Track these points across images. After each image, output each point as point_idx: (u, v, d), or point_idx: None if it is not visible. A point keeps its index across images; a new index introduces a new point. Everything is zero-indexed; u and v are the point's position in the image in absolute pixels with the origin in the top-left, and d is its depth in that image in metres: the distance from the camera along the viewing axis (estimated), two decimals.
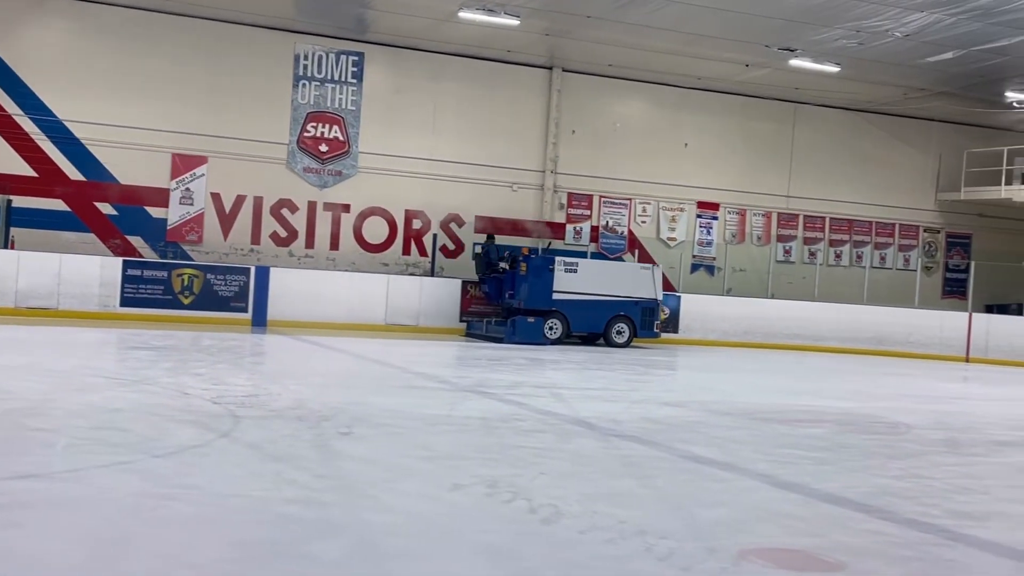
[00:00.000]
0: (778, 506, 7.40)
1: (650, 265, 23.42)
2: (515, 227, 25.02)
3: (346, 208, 24.04)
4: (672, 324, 24.39)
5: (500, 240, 24.45)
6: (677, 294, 24.94)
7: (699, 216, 26.77)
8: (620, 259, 25.82)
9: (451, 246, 24.67)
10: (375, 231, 24.26)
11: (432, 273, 24.06)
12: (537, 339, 21.45)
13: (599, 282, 22.25)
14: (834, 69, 23.35)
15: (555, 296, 21.76)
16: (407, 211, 24.43)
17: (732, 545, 6.02)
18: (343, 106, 23.90)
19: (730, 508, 7.18)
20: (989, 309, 26.74)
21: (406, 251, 24.46)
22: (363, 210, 24.17)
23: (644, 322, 22.51)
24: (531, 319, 21.56)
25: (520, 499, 6.82)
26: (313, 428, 9.12)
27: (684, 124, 26.47)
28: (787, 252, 27.48)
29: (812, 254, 27.66)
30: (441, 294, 23.02)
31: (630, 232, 26.07)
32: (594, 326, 22.43)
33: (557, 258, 22.26)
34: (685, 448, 9.51)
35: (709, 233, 26.84)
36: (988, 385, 19.37)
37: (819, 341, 25.11)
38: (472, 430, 9.76)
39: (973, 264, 27.42)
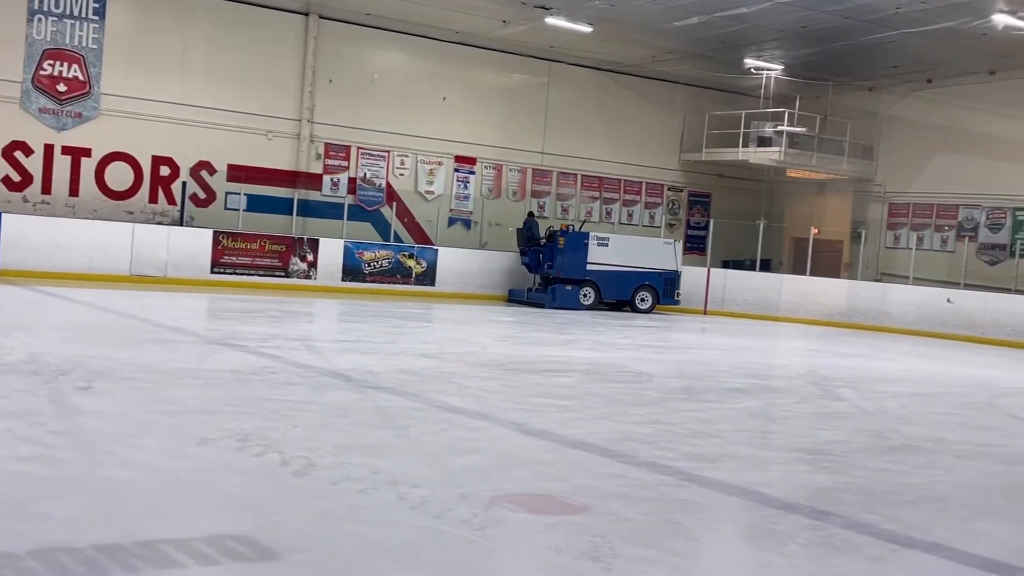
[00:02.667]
0: (528, 453, 7.61)
1: (672, 240, 25.97)
2: (270, 176, 24.41)
3: (87, 152, 22.71)
4: (429, 278, 24.57)
5: (254, 190, 23.84)
6: (434, 248, 25.10)
7: (457, 170, 26.95)
8: (378, 212, 25.71)
9: (202, 195, 23.79)
10: (119, 177, 23.06)
11: (181, 222, 23.16)
12: (574, 304, 23.86)
13: (627, 255, 24.56)
14: (587, 29, 23.93)
15: (589, 267, 24.09)
16: (154, 157, 23.33)
17: (484, 491, 6.14)
18: (84, 44, 22.50)
19: (482, 456, 7.33)
20: (726, 264, 28.32)
21: (153, 199, 23.40)
22: (106, 155, 22.89)
23: (666, 291, 24.97)
24: (568, 287, 23.95)
25: (272, 452, 6.71)
26: (49, 383, 8.64)
27: (443, 78, 26.50)
28: (541, 208, 28.10)
29: (565, 210, 28.41)
30: (191, 245, 22.21)
31: (388, 185, 25.95)
32: (622, 294, 24.64)
33: (592, 234, 24.49)
34: (440, 399, 9.61)
35: (466, 187, 27.09)
36: (723, 336, 20.56)
37: None
38: (222, 384, 9.51)
39: (712, 222, 28.97)
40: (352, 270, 23.77)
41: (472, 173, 27.16)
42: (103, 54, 22.69)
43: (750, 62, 26.54)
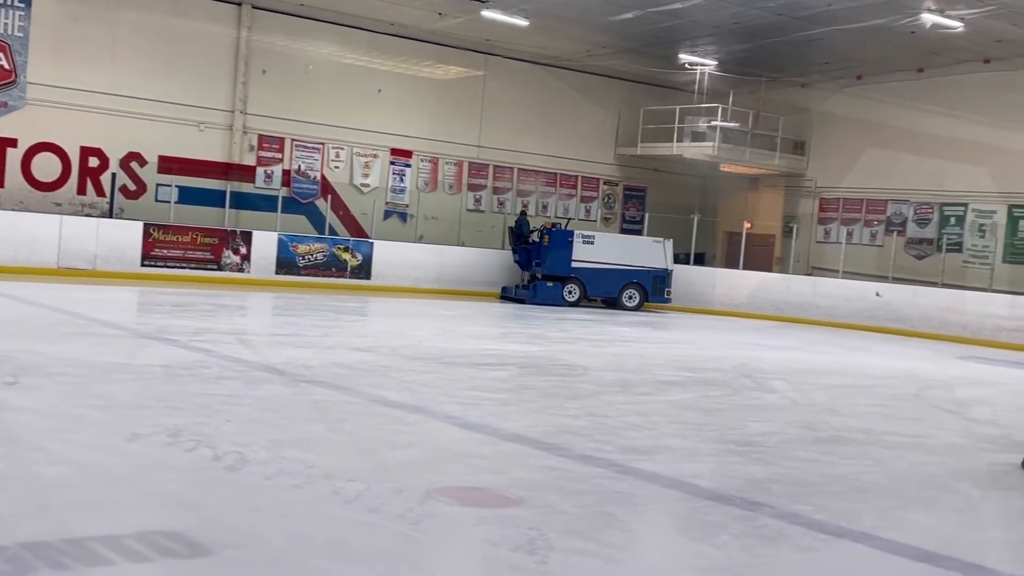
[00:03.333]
0: (464, 446, 7.61)
1: (661, 239, 25.74)
2: (202, 168, 24.08)
3: (12, 143, 22.20)
4: (365, 271, 24.43)
5: (185, 181, 23.50)
6: (370, 240, 24.97)
7: (392, 163, 26.81)
8: (313, 204, 25.49)
9: (132, 186, 23.39)
10: (46, 168, 22.58)
11: (111, 214, 22.76)
12: (556, 301, 24.12)
13: (613, 253, 24.84)
14: (523, 23, 23.95)
15: (573, 264, 24.40)
16: (83, 148, 22.88)
17: (419, 485, 6.13)
18: (8, 32, 21.98)
19: (418, 449, 7.31)
20: None
21: (81, 191, 22.96)
22: (33, 145, 22.39)
23: (655, 289, 25.15)
24: (550, 283, 24.28)
25: (204, 447, 6.63)
26: None
27: (378, 70, 26.34)
28: (478, 201, 28.08)
29: (501, 203, 28.42)
30: (121, 237, 21.84)
31: (323, 177, 25.74)
32: (609, 291, 24.93)
33: (576, 232, 24.92)
34: (375, 392, 9.57)
35: (402, 180, 26.97)
36: (659, 329, 20.73)
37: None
38: (153, 378, 9.37)
39: (647, 216, 29.18)
40: (286, 263, 23.55)
41: (408, 166, 27.05)
42: (29, 42, 22.19)
43: (684, 57, 26.76)
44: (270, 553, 4.79)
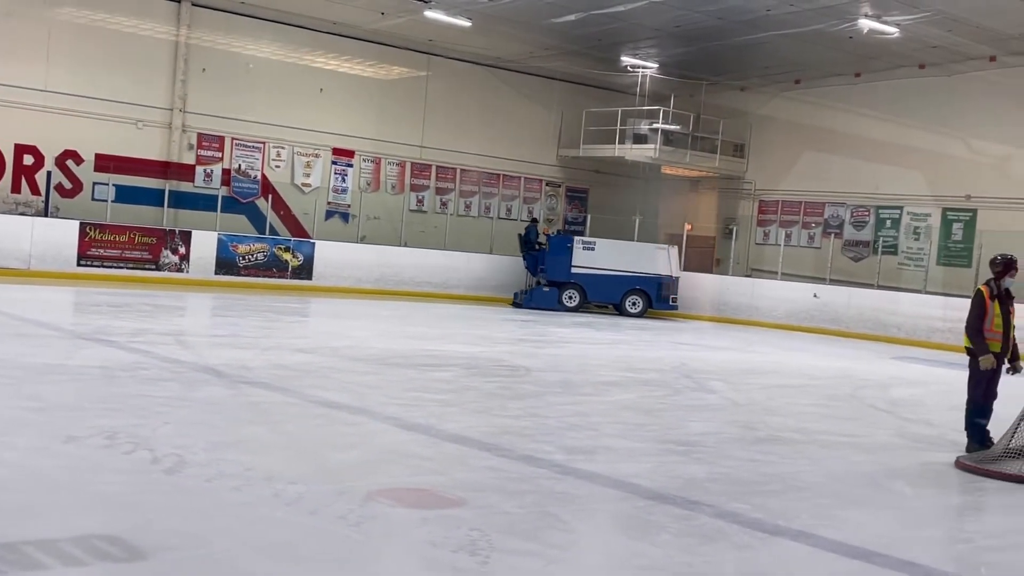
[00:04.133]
0: (406, 447, 7.60)
1: (665, 245, 25.65)
2: (140, 167, 23.73)
3: None
4: (306, 271, 24.27)
5: (123, 180, 23.16)
6: (311, 241, 24.80)
7: (334, 163, 26.64)
8: (253, 204, 25.24)
9: (68, 185, 23.00)
10: None
11: (46, 213, 22.36)
12: (551, 305, 24.27)
13: (615, 259, 24.69)
14: (466, 23, 23.92)
15: (573, 270, 24.46)
16: (17, 146, 22.44)
17: (360, 486, 6.12)
18: None
19: (360, 451, 7.29)
20: None
21: (15, 189, 22.52)
22: None
23: (659, 295, 24.83)
24: (546, 288, 24.54)
25: (142, 449, 6.56)
26: None
27: (320, 69, 26.16)
28: (420, 201, 28.00)
29: (444, 204, 28.37)
30: (56, 236, 21.46)
31: (264, 176, 25.51)
32: (610, 297, 24.85)
33: (576, 237, 25.20)
34: (316, 394, 9.52)
35: (344, 180, 26.81)
36: (599, 330, 20.83)
37: (449, 289, 25.89)
38: (90, 380, 9.24)
39: (589, 217, 29.31)
40: (226, 263, 23.31)
41: (350, 166, 26.91)
42: None
43: (626, 60, 26.92)
44: (209, 556, 4.75)
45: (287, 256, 24.08)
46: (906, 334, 22.67)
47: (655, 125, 27.62)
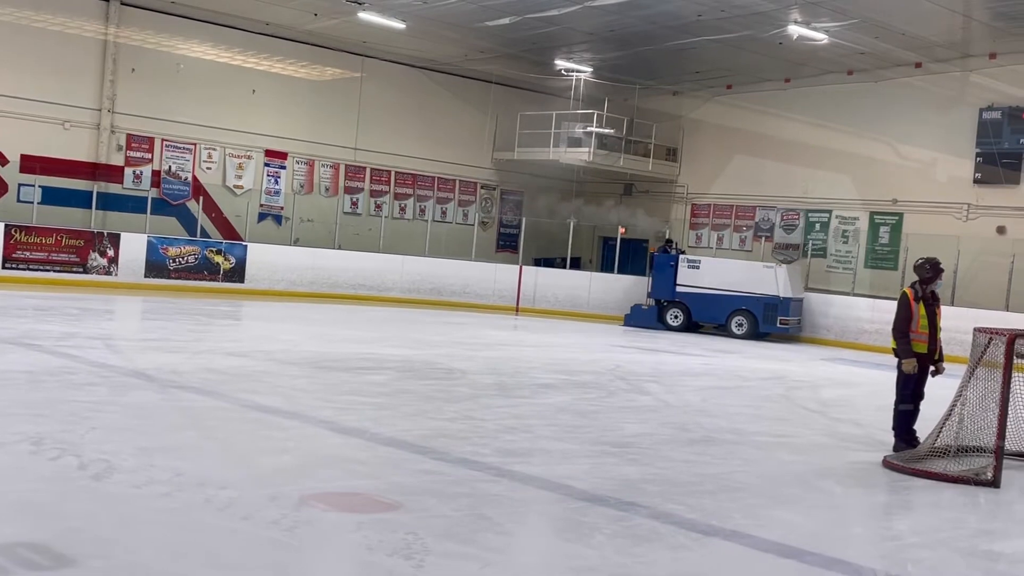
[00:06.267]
0: (340, 451, 7.55)
1: (772, 264, 23.95)
2: (67, 168, 23.27)
3: None
4: (238, 274, 23.99)
5: (49, 182, 22.68)
6: (244, 243, 24.52)
7: (267, 165, 26.37)
8: (184, 206, 24.88)
9: None
10: None
11: None
12: (651, 324, 23.85)
13: (721, 278, 23.49)
14: (400, 25, 23.83)
15: (678, 289, 23.79)
16: None
17: (293, 491, 6.05)
18: None
19: (293, 455, 7.22)
20: (537, 263, 28.76)
21: None
22: None
23: (766, 316, 22.99)
24: (645, 306, 24.33)
25: (69, 455, 6.43)
26: None
27: (253, 70, 25.87)
28: (354, 204, 27.83)
29: (378, 206, 28.23)
30: None
31: (195, 178, 25.17)
32: (715, 318, 23.65)
33: (681, 256, 24.28)
34: (249, 398, 9.41)
35: (277, 182, 26.55)
36: (535, 333, 20.89)
37: (383, 292, 25.76)
38: (15, 384, 9.04)
39: (524, 220, 29.37)
40: (156, 266, 22.96)
41: (283, 168, 26.65)
42: None
43: (561, 64, 27.03)
44: (139, 564, 4.67)
45: (219, 259, 23.78)
46: (835, 336, 23.06)
47: (589, 129, 27.76)
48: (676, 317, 23.95)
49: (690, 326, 23.81)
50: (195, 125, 24.95)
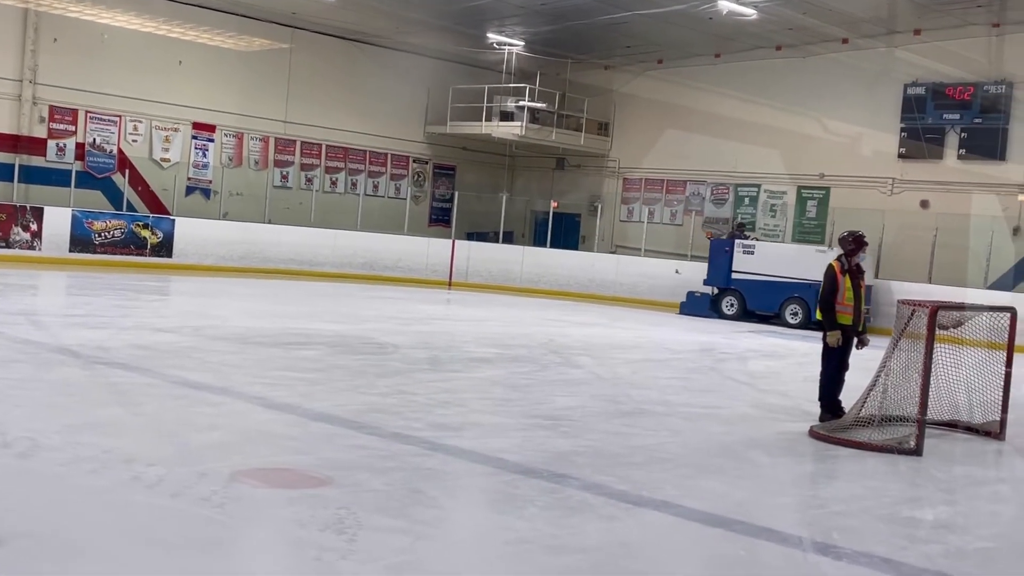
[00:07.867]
0: (271, 427, 7.50)
1: (825, 248, 22.22)
2: None
3: None
4: (166, 249, 23.63)
5: None
6: (171, 218, 24.14)
7: (195, 137, 25.95)
8: (109, 179, 24.40)
9: None
10: None
11: None
12: (703, 312, 22.84)
13: (775, 264, 22.45)
14: None
15: (733, 275, 22.82)
16: None
17: (224, 468, 6.01)
18: None
19: (223, 431, 7.16)
20: (470, 237, 28.75)
21: None
22: None
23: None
24: (698, 294, 23.23)
25: None
26: None
27: (179, 41, 25.39)
28: (284, 177, 27.52)
29: (309, 180, 27.95)
30: None
31: (120, 151, 24.68)
32: (769, 306, 22.50)
33: (736, 241, 23.10)
34: (177, 374, 9.30)
35: (205, 155, 26.15)
36: (467, 307, 20.90)
37: (315, 267, 25.56)
38: None
39: (457, 195, 29.31)
40: (81, 241, 22.52)
41: (211, 141, 26.25)
42: None
43: (493, 37, 26.92)
44: (67, 542, 4.61)
45: (146, 233, 23.40)
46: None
47: (521, 103, 27.73)
48: (731, 305, 22.91)
49: (745, 314, 22.64)
50: (120, 97, 24.44)
